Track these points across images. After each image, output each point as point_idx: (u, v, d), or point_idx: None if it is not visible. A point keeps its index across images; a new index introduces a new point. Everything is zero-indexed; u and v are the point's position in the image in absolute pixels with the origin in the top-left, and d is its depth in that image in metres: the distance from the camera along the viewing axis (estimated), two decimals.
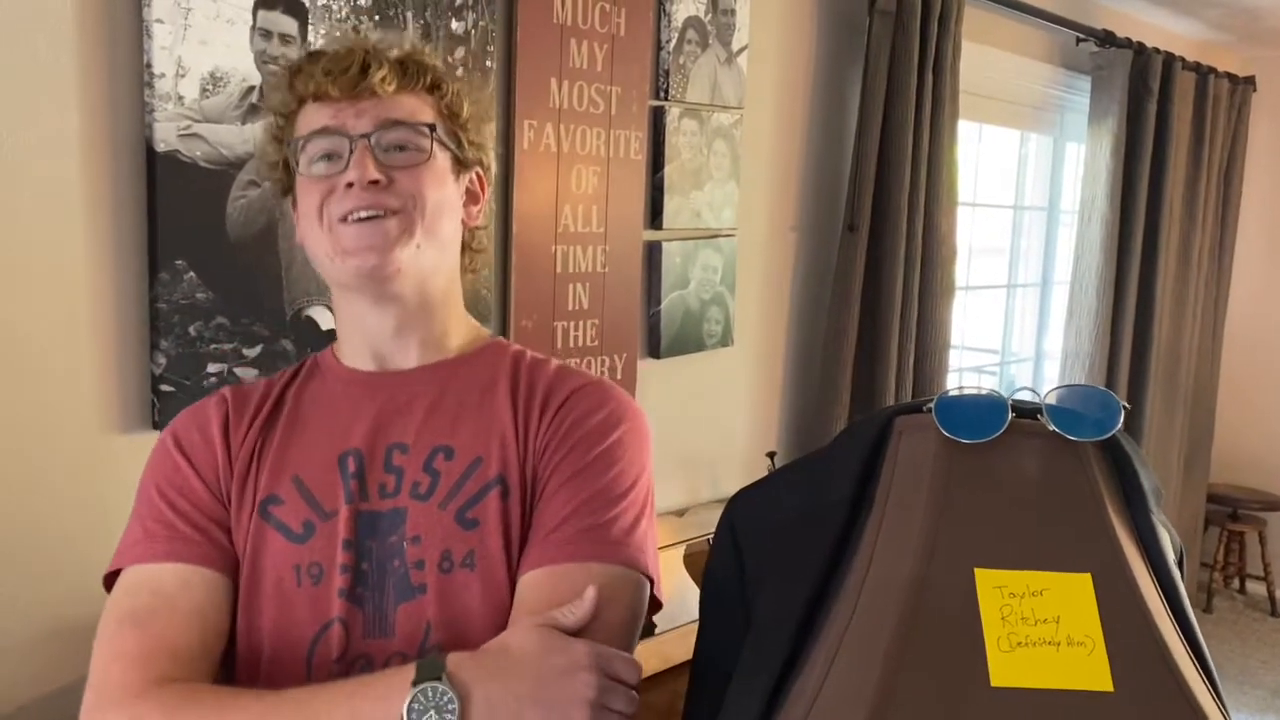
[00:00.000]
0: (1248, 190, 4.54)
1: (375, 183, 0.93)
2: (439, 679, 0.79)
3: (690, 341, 2.39)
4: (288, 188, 1.03)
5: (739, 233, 2.48)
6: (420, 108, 0.98)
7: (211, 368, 1.59)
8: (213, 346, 1.59)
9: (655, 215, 2.28)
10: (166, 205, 1.52)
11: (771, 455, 2.55)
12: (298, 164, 0.98)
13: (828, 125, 2.72)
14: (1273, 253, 4.65)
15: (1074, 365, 3.79)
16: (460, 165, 1.02)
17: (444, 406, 0.98)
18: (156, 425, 1.55)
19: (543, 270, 2.08)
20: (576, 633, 0.84)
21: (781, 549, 0.82)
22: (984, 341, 3.99)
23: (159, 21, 1.48)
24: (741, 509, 0.88)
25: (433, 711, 0.78)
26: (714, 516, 2.25)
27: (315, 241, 0.97)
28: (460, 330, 1.05)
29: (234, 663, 0.93)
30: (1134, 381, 3.97)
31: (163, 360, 1.54)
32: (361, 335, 1.01)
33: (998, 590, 0.71)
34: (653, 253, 2.29)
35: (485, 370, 1.01)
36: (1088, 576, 0.71)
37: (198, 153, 1.53)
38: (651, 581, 0.94)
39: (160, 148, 1.50)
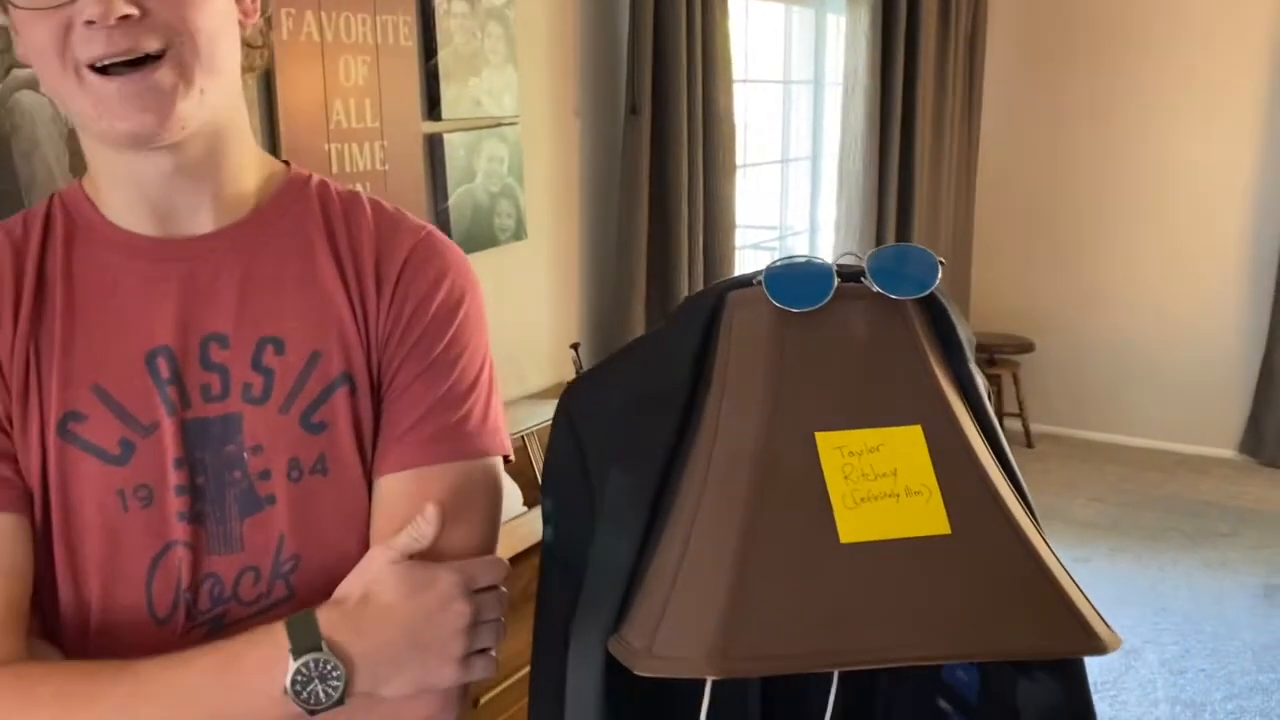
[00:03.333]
0: (991, 54, 4.82)
1: (125, 18, 0.72)
2: (318, 648, 0.74)
3: (482, 237, 2.33)
4: None
5: (522, 120, 2.41)
6: None
7: None
8: None
9: (433, 106, 2.18)
10: None
11: (575, 346, 2.54)
12: None
13: (601, 3, 2.66)
14: (1012, 112, 4.98)
15: (846, 235, 3.97)
16: None
17: (259, 284, 0.84)
18: None
19: (317, 172, 1.95)
20: (437, 550, 0.81)
21: (623, 432, 0.81)
22: (762, 218, 4.10)
23: None
24: (577, 396, 0.86)
25: (316, 681, 0.74)
26: (527, 413, 2.25)
27: (62, 94, 0.77)
28: (253, 168, 0.87)
29: (46, 607, 0.82)
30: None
31: None
32: (136, 189, 0.82)
33: (838, 451, 0.73)
34: (434, 146, 2.20)
35: (295, 227, 0.87)
36: (919, 428, 0.74)
37: None
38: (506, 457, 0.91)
39: None
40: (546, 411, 2.30)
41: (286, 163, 0.92)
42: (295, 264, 0.86)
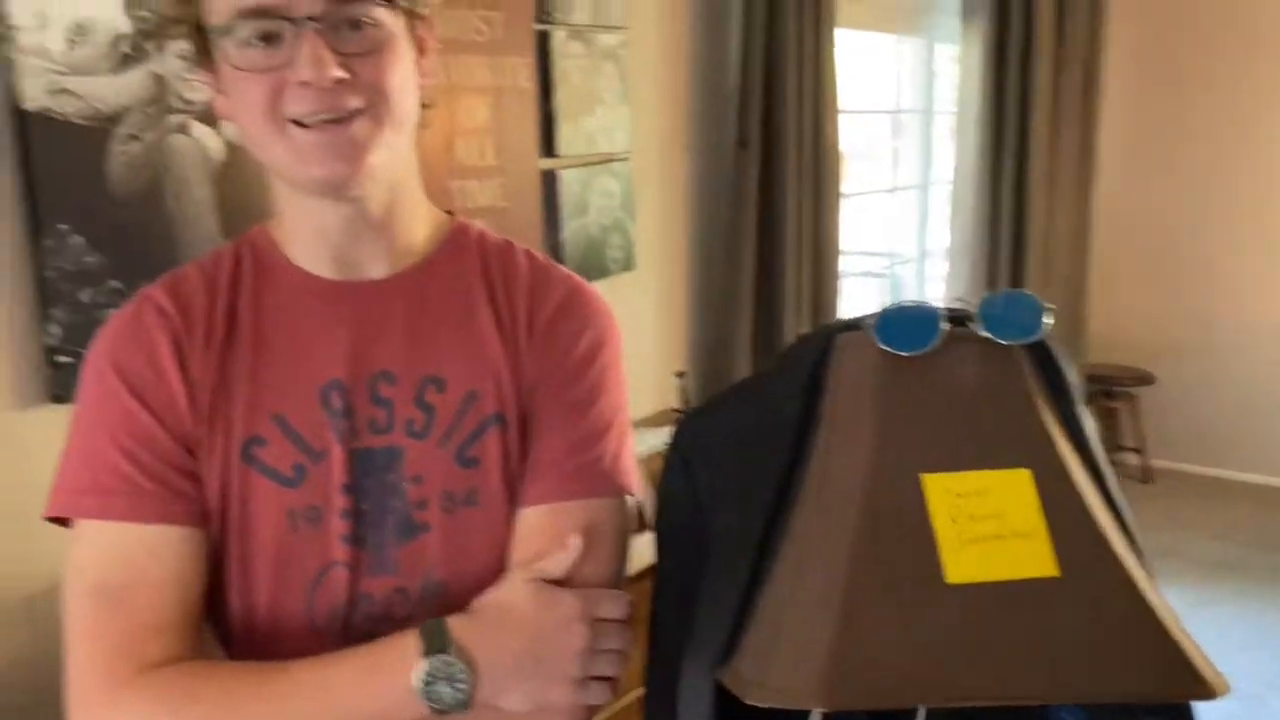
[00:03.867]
0: (1109, 78, 4.72)
1: (337, 81, 0.80)
2: (446, 650, 0.81)
3: (594, 269, 2.39)
4: (200, 55, 0.86)
5: (633, 156, 2.47)
6: None
7: None
8: (109, 312, 1.52)
9: (549, 143, 2.26)
10: (43, 167, 1.44)
11: (681, 374, 2.58)
12: (220, 40, 0.82)
13: (711, 41, 2.72)
14: (1133, 141, 4.86)
15: (958, 262, 3.93)
16: (411, 19, 0.87)
17: (424, 326, 0.92)
18: (57, 398, 1.49)
19: (441, 208, 2.05)
20: (567, 578, 0.87)
21: (734, 468, 0.84)
22: (870, 245, 4.09)
23: None
24: (690, 431, 0.90)
25: (444, 682, 0.80)
26: (633, 440, 2.28)
27: (264, 144, 0.84)
28: (422, 219, 0.95)
29: (218, 611, 0.89)
30: (1014, 272, 4.13)
31: (57, 331, 1.47)
32: (320, 236, 0.90)
33: (945, 492, 0.74)
34: (550, 182, 2.27)
35: (458, 275, 0.94)
36: (1027, 472, 0.75)
37: (70, 109, 1.45)
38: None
39: (29, 106, 1.41)
40: (652, 438, 2.34)
41: (450, 212, 0.99)
42: (457, 309, 0.93)
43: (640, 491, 0.98)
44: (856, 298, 4.01)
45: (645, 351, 2.63)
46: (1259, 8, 4.49)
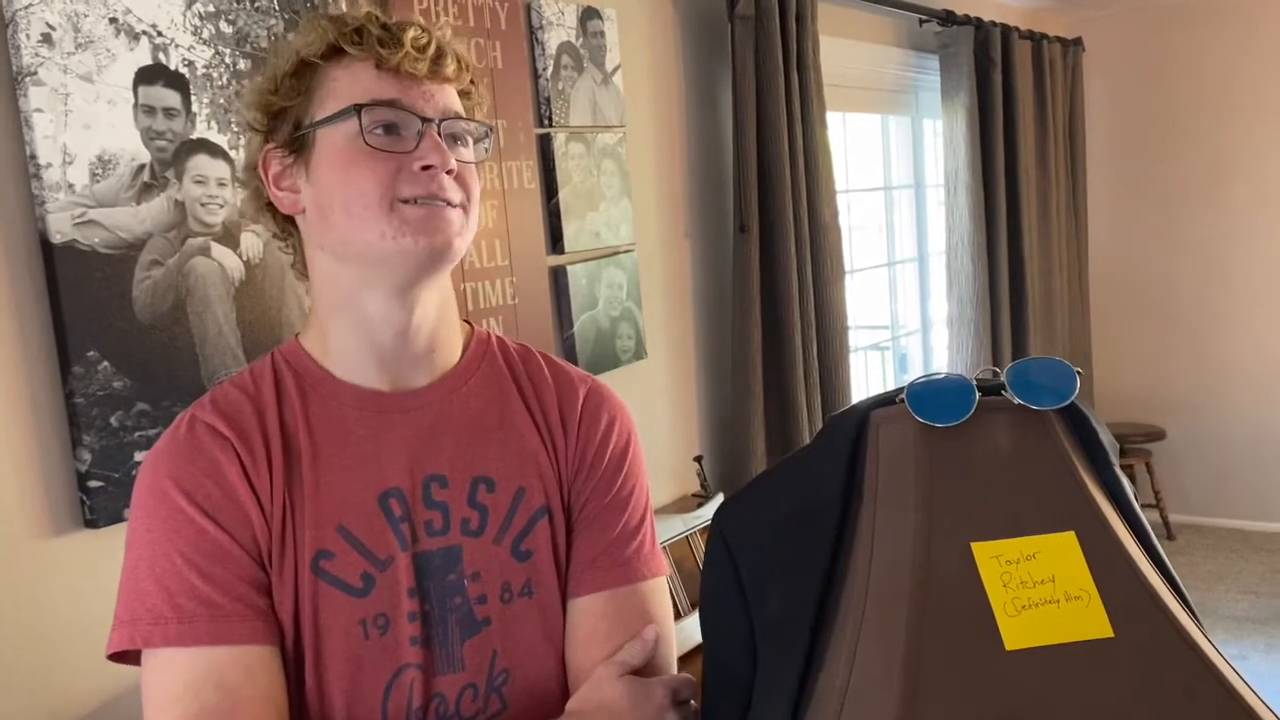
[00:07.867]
0: (1090, 142, 4.82)
1: (449, 171, 0.89)
2: None
3: (606, 360, 2.42)
4: (292, 147, 0.92)
5: (637, 246, 2.52)
6: (457, 101, 0.94)
7: (138, 456, 1.54)
8: (137, 434, 1.54)
9: (556, 240, 2.30)
10: (70, 297, 1.47)
11: (699, 459, 2.59)
12: (336, 124, 0.89)
13: (705, 131, 2.79)
14: (1118, 199, 4.95)
15: (960, 331, 3.96)
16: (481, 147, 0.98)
17: (468, 430, 0.96)
18: (89, 523, 1.50)
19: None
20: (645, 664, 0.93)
21: (779, 550, 0.85)
22: (873, 319, 4.13)
23: (38, 110, 1.43)
24: (730, 518, 0.91)
25: None
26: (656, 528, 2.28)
27: (365, 222, 0.88)
28: (457, 330, 1.00)
29: None
30: (1015, 337, 4.16)
31: (87, 456, 1.49)
32: (371, 349, 0.93)
33: (995, 560, 0.75)
34: (559, 277, 2.31)
35: (489, 379, 0.99)
36: (1072, 534, 0.76)
37: (96, 239, 1.49)
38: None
39: (56, 239, 1.45)
40: (674, 526, 2.34)
41: (468, 321, 1.04)
42: (495, 411, 0.98)
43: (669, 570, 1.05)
44: (866, 372, 4.03)
45: (662, 439, 2.64)
46: (1229, 64, 4.61)
